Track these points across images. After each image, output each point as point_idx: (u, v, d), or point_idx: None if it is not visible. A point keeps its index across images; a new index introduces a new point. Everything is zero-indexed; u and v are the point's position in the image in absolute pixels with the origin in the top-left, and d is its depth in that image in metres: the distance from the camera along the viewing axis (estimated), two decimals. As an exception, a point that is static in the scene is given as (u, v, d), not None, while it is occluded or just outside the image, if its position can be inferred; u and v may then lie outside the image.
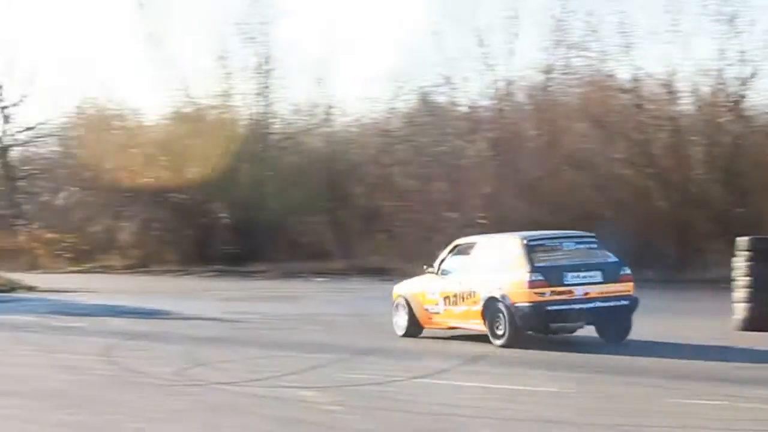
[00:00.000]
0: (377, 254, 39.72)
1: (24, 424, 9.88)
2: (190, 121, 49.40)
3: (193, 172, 45.75)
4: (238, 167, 46.38)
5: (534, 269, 16.32)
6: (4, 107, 55.52)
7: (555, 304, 16.25)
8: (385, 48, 68.55)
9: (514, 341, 16.23)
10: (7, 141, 56.39)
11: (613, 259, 17.04)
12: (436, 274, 18.23)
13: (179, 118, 50.61)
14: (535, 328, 16.69)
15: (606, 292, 16.60)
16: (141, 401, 11.34)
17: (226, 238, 45.66)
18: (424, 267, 18.75)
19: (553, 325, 16.64)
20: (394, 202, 41.87)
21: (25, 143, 57.69)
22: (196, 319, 22.65)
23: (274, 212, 42.71)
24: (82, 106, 55.57)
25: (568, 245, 17.30)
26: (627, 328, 16.83)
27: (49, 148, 58.15)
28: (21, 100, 55.70)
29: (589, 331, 16.54)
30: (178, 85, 50.19)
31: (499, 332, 16.51)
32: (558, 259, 16.83)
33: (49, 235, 49.45)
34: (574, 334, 17.06)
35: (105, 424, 9.96)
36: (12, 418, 10.11)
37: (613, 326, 16.81)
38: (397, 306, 18.88)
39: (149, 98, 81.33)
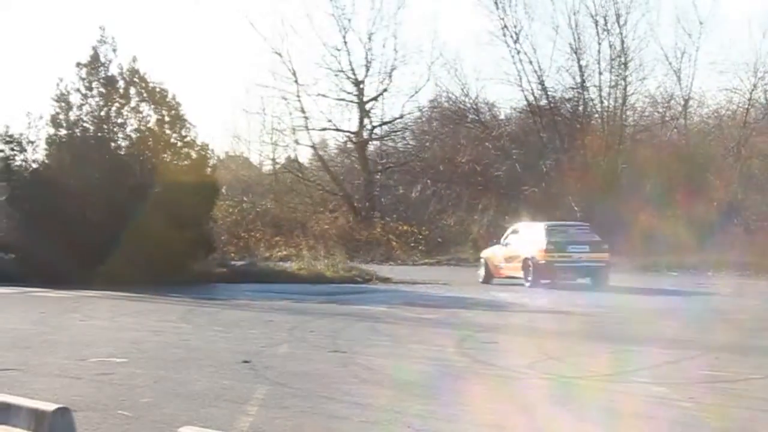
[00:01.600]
0: (734, 248, 38.37)
1: (382, 413, 10.01)
2: (545, 114, 49.34)
3: (546, 165, 45.71)
4: (592, 160, 45.97)
5: (548, 242, 30.57)
6: (363, 102, 57.15)
7: (559, 262, 30.39)
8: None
9: (536, 284, 30.13)
10: (365, 135, 58.03)
11: (597, 238, 31.60)
12: (502, 245, 32.88)
13: (534, 111, 50.64)
14: (548, 277, 30.39)
15: (591, 258, 30.52)
16: (494, 393, 11.31)
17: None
18: (494, 242, 34.52)
19: (560, 274, 30.46)
20: (752, 195, 40.37)
21: (382, 137, 59.18)
22: (546, 312, 22.55)
23: (628, 205, 42.01)
24: (437, 99, 56.56)
25: (572, 230, 32.67)
26: (605, 279, 30.22)
27: (405, 142, 59.48)
28: (379, 95, 57.18)
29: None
30: (533, 79, 50.26)
31: (529, 278, 30.65)
32: (564, 237, 31.24)
33: (404, 228, 50.54)
34: (577, 281, 30.51)
35: (459, 415, 9.96)
36: (370, 407, 10.27)
37: (595, 279, 30.34)
38: (480, 264, 33.88)
39: (504, 91, 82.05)
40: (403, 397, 10.89)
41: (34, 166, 33.68)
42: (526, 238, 31.51)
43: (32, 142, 33.68)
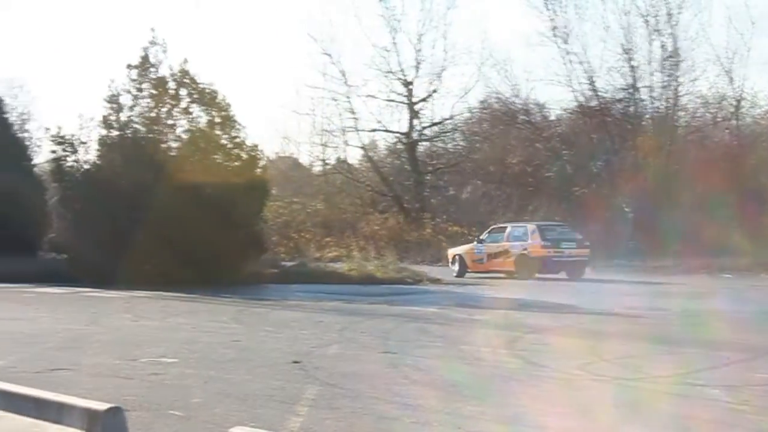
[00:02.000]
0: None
1: (432, 414, 9.97)
2: (595, 115, 49.10)
3: (597, 166, 45.49)
4: (642, 161, 45.69)
5: (544, 239, 35.71)
6: (412, 103, 57.14)
7: (554, 257, 35.46)
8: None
9: (529, 277, 34.49)
10: (414, 136, 58.01)
11: (580, 236, 36.90)
12: (478, 242, 38.54)
13: (584, 112, 50.42)
14: (543, 270, 35.21)
15: (576, 254, 35.87)
16: (545, 395, 11.23)
17: (628, 232, 45.09)
18: (471, 238, 40.58)
19: (552, 268, 35.39)
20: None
21: (431, 138, 59.18)
22: (597, 313, 22.40)
23: (679, 207, 41.74)
24: (487, 100, 56.48)
25: (558, 229, 37.58)
26: (583, 272, 36.01)
27: (455, 143, 59.45)
28: (429, 96, 57.17)
29: None
30: (583, 79, 50.05)
31: (523, 272, 35.18)
32: (555, 235, 36.39)
33: (454, 229, 50.50)
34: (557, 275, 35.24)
35: (510, 417, 9.91)
36: (420, 409, 10.24)
37: (575, 271, 35.68)
38: (453, 259, 39.25)
39: (554, 92, 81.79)
40: (453, 399, 10.84)
41: (86, 167, 33.93)
42: (517, 235, 37.10)
43: (84, 143, 33.96)
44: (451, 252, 40.20)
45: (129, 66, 34.03)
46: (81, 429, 6.71)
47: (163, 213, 30.52)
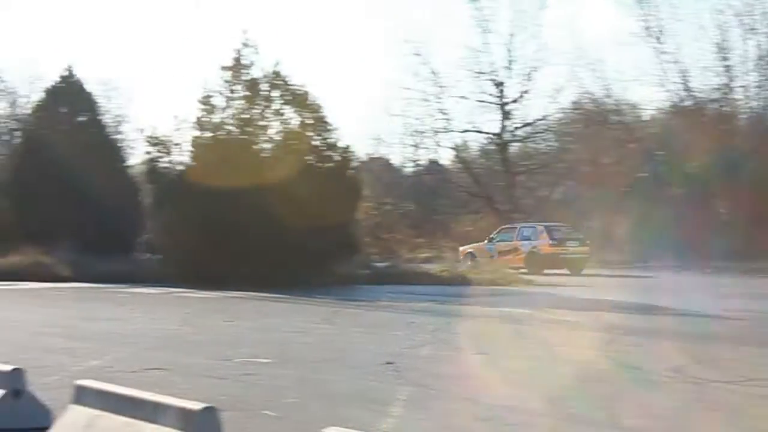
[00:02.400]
0: None
1: (526, 415, 9.92)
2: (689, 115, 48.50)
3: (692, 166, 44.94)
4: (739, 162, 45.01)
5: (552, 237, 40.36)
6: (504, 104, 56.96)
7: (561, 254, 39.60)
8: None
9: (537, 273, 37.31)
10: (506, 137, 57.82)
11: (581, 235, 41.35)
12: (488, 242, 42.56)
13: (678, 112, 49.84)
14: (551, 267, 38.98)
15: (580, 251, 40.38)
16: (639, 397, 11.11)
17: (725, 233, 44.43)
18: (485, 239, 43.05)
19: (558, 264, 39.06)
20: None
21: (523, 139, 58.94)
22: (692, 315, 22.11)
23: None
24: (579, 101, 56.09)
25: (563, 229, 41.62)
26: (582, 268, 39.65)
27: (547, 143, 59.14)
28: (520, 96, 56.94)
29: None
30: (677, 79, 49.48)
31: (532, 268, 38.45)
32: (561, 234, 40.82)
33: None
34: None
35: (604, 419, 9.82)
36: (513, 410, 10.19)
37: (579, 268, 39.39)
38: (465, 256, 42.44)
39: (647, 92, 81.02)
40: (546, 401, 10.77)
41: (180, 168, 34.30)
42: (526, 235, 41.87)
43: (178, 145, 34.34)
44: (463, 249, 44.13)
45: (222, 67, 34.36)
46: (176, 428, 6.78)
47: (256, 214, 30.74)
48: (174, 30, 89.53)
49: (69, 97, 41.55)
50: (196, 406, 6.81)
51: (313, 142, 34.35)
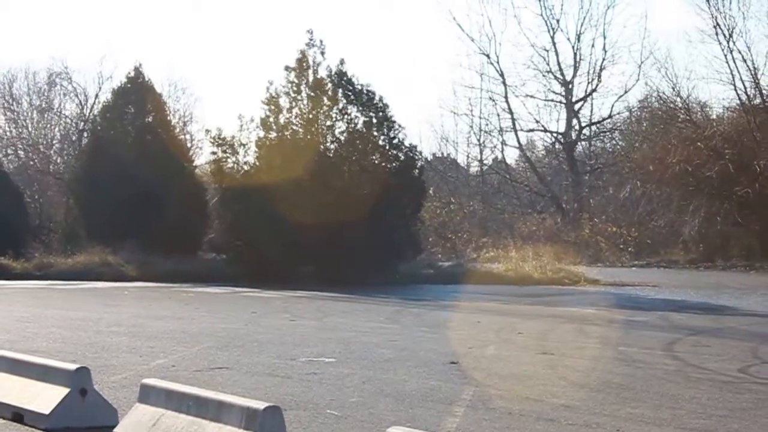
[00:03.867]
0: None
1: (590, 415, 9.85)
2: (758, 113, 47.92)
3: (761, 165, 44.42)
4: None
5: None
6: (571, 103, 56.68)
7: None
8: None
9: None
10: (573, 136, 57.53)
11: None
12: None
13: (747, 110, 49.25)
14: None
15: None
16: (704, 397, 10.99)
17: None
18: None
19: None
20: None
21: (590, 138, 58.61)
22: (761, 315, 21.87)
23: None
24: (647, 99, 55.63)
25: None
26: None
27: (614, 142, 58.75)
28: (587, 95, 56.63)
29: None
30: (747, 77, 48.91)
31: None
32: None
33: (613, 229, 49.84)
34: None
35: (668, 419, 9.72)
36: (577, 410, 10.12)
37: None
38: None
39: (715, 90, 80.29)
40: (611, 400, 10.69)
41: (245, 168, 34.44)
42: None
43: (243, 145, 34.50)
44: None
45: (287, 68, 34.47)
46: (239, 427, 6.82)
47: (320, 214, 30.79)
48: (239, 31, 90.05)
49: (136, 97, 41.89)
50: (260, 405, 6.84)
51: (378, 142, 34.36)
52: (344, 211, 30.68)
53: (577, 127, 57.71)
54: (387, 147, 34.44)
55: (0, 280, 32.16)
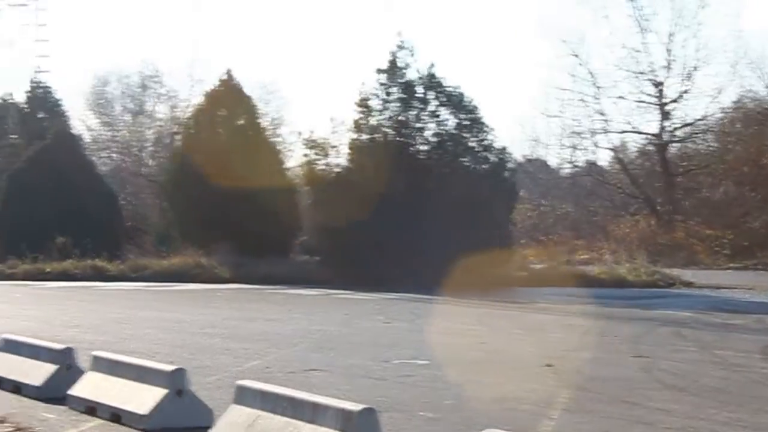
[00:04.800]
0: None
1: (687, 419, 9.72)
2: None
3: None
4: None
5: None
6: (663, 104, 56.07)
7: None
8: None
9: None
10: (665, 138, 56.89)
11: None
12: None
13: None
14: None
15: None
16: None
17: None
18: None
19: None
20: None
21: (683, 139, 57.89)
22: None
23: None
24: (741, 100, 54.83)
25: None
26: None
27: (707, 143, 57.98)
28: (680, 96, 55.96)
29: None
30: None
31: None
32: None
33: (707, 231, 49.15)
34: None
35: (766, 424, 9.57)
36: (674, 414, 10.00)
37: None
38: None
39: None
40: (708, 404, 10.55)
41: (337, 170, 34.56)
42: None
43: (335, 147, 34.63)
44: None
45: (378, 70, 34.54)
46: (335, 429, 6.82)
47: (412, 216, 30.78)
48: (331, 33, 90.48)
49: (228, 100, 42.22)
50: (355, 407, 6.84)
51: (470, 144, 34.27)
52: (435, 213, 30.65)
53: (669, 129, 57.00)
54: (477, 149, 34.33)
55: (95, 282, 32.66)
